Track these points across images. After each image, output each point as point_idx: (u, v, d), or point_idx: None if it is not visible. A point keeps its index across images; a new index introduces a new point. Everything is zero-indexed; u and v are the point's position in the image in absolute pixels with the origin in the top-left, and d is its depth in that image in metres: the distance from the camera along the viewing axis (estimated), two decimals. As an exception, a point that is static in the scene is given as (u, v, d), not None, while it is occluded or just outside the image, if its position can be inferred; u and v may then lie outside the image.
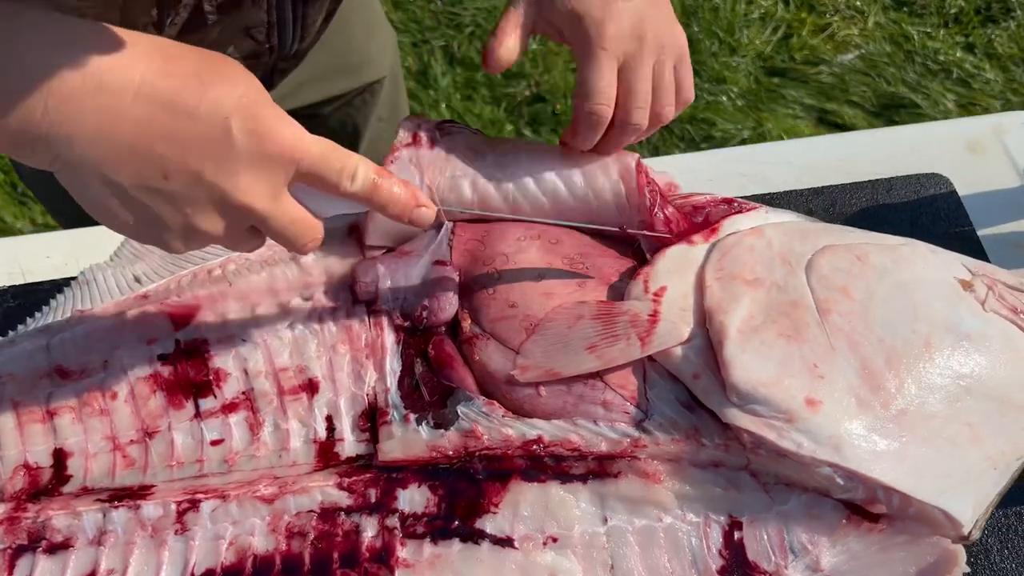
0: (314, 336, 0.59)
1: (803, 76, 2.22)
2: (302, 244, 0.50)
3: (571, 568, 0.53)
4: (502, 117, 2.14)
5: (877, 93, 2.19)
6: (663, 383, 0.55)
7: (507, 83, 2.18)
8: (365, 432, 0.57)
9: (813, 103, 2.18)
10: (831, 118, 2.13)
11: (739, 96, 2.17)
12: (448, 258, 0.61)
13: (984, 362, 0.55)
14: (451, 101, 2.15)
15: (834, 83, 2.21)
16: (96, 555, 0.53)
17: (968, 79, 2.22)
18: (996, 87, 2.23)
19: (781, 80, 2.22)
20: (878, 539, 0.53)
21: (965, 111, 2.16)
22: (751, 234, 0.60)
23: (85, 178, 0.44)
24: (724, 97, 2.16)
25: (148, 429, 0.57)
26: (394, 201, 0.51)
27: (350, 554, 0.53)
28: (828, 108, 2.15)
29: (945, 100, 2.18)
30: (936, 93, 2.19)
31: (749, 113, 2.11)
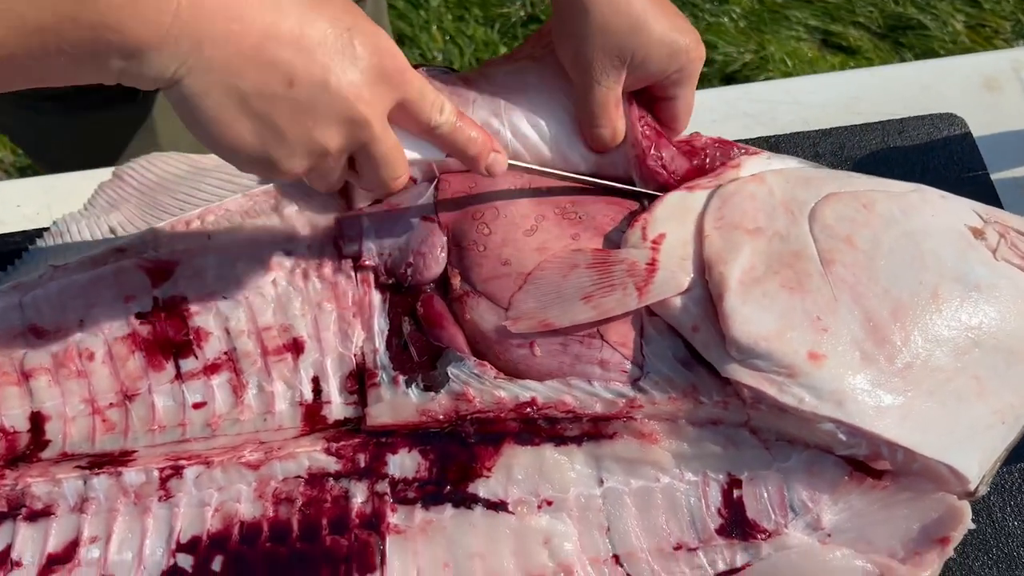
0: (298, 293, 0.57)
1: (808, -5, 2.15)
2: (395, 177, 0.50)
3: (566, 531, 0.52)
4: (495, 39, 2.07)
5: (884, 14, 2.12)
6: (660, 340, 0.53)
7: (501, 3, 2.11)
8: (353, 394, 0.55)
9: (817, 24, 2.11)
10: (835, 40, 2.07)
11: (741, 17, 2.10)
12: (435, 213, 0.58)
13: (993, 313, 0.53)
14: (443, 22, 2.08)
15: (840, 3, 2.14)
16: (79, 522, 0.52)
17: (979, -1, 2.15)
18: (1007, 7, 2.15)
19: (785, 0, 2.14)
20: (881, 496, 0.52)
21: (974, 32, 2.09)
22: (752, 181, 0.57)
23: (206, 86, 0.44)
24: (726, 18, 2.09)
25: (127, 391, 0.55)
26: (472, 143, 0.52)
27: (339, 520, 0.51)
28: (833, 30, 2.08)
29: (954, 21, 2.11)
30: (945, 13, 2.12)
31: (751, 35, 2.05)
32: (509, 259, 0.56)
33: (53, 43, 0.40)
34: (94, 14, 0.40)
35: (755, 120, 0.72)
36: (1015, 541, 0.56)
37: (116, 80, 0.43)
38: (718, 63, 1.99)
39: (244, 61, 0.43)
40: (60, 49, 0.41)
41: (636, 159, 0.59)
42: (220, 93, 0.44)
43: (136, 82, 0.43)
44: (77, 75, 0.43)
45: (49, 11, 0.40)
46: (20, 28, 0.39)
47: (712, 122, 0.73)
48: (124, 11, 0.40)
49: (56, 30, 0.40)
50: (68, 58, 0.41)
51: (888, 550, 0.51)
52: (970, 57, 0.77)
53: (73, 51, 0.41)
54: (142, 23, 0.41)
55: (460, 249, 0.57)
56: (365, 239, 0.57)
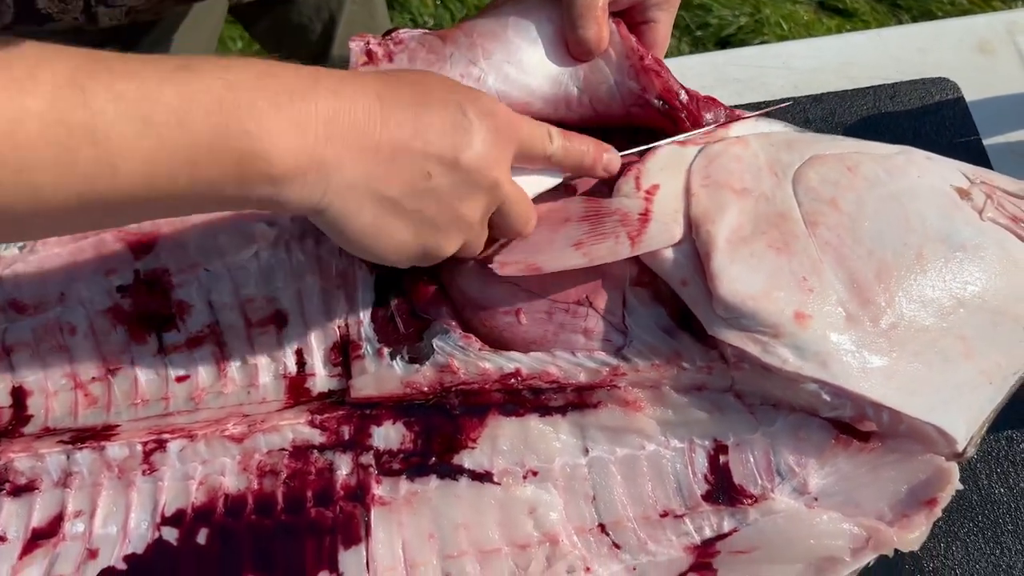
0: (281, 265, 0.56)
1: (805, -43, 2.12)
2: (528, 223, 0.52)
3: (552, 501, 0.52)
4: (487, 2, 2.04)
5: (883, -25, 2.10)
6: (642, 309, 0.53)
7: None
8: (337, 367, 0.55)
9: (814, -13, 2.08)
10: (832, 3, 2.04)
11: (737, -20, 2.07)
12: None
13: (979, 273, 0.53)
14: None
15: (837, -35, 2.11)
16: (63, 497, 0.52)
17: (979, -41, 2.12)
18: (1008, -32, 2.13)
19: (781, -37, 2.11)
20: (868, 459, 0.52)
21: (974, -7, 2.06)
22: (737, 143, 0.57)
23: (358, 204, 0.45)
24: (721, -19, 2.06)
25: (110, 365, 0.55)
26: (586, 155, 0.53)
27: (324, 492, 0.51)
28: (829, -8, 2.06)
29: (955, -18, 2.08)
30: (944, -26, 2.09)
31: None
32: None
33: (200, 175, 0.41)
34: (238, 142, 0.41)
35: (745, 86, 0.71)
36: (1001, 508, 0.56)
37: (255, 208, 0.44)
38: (713, 27, 1.97)
39: (386, 170, 0.45)
40: (203, 180, 0.41)
41: (631, 69, 0.57)
42: (373, 205, 0.45)
43: (278, 210, 0.44)
44: (216, 206, 0.44)
45: (188, 146, 0.40)
46: (168, 166, 0.40)
47: (702, 88, 0.71)
48: (270, 138, 0.41)
49: (197, 162, 0.40)
50: (209, 188, 0.41)
51: (876, 512, 0.51)
52: (964, 20, 0.75)
53: (215, 183, 0.41)
54: (286, 150, 0.42)
55: None
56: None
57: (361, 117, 0.44)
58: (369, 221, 0.46)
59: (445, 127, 0.46)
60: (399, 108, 0.45)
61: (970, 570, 0.54)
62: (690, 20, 2.00)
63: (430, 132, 0.46)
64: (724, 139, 0.57)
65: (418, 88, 0.47)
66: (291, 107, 0.42)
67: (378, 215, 0.46)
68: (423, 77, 0.49)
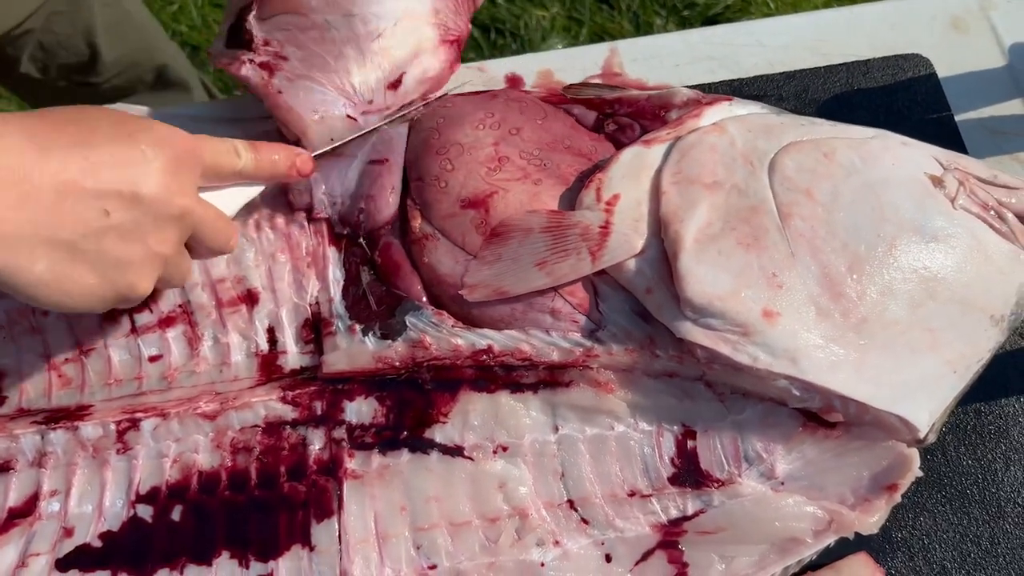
0: (251, 244, 0.57)
1: (793, -65, 2.10)
2: (228, 241, 0.51)
3: (521, 476, 0.52)
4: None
5: (870, -48, 2.09)
6: (615, 295, 0.53)
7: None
8: (309, 344, 0.55)
9: (802, -35, 2.07)
10: (820, -20, 2.03)
11: (724, -43, 2.05)
12: (386, 156, 0.57)
13: (950, 264, 0.53)
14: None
15: (825, -58, 2.10)
16: (38, 476, 0.52)
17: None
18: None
19: (769, -60, 2.10)
20: (833, 445, 0.53)
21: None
22: (713, 130, 0.57)
23: (29, 254, 0.42)
24: (709, -41, 2.04)
25: (83, 346, 0.55)
26: (276, 164, 0.53)
27: (297, 467, 0.52)
28: (817, -30, 2.05)
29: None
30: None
31: (734, -23, 2.01)
32: (468, 197, 0.56)
33: None
34: None
35: (719, 64, 0.71)
36: (968, 479, 0.57)
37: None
38: (699, 6, 1.96)
39: (54, 214, 0.42)
40: None
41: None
42: (47, 253, 0.43)
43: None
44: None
45: None
46: None
47: (675, 66, 0.71)
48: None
49: None
50: None
51: (839, 497, 0.52)
52: (939, -4, 0.75)
53: None
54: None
55: (422, 184, 0.57)
56: (315, 190, 0.57)
57: (14, 162, 0.41)
58: (45, 270, 0.43)
59: (117, 162, 0.44)
60: (59, 148, 0.43)
61: (938, 539, 0.55)
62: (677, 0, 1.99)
63: (101, 170, 0.43)
64: (699, 128, 0.57)
65: (82, 125, 0.45)
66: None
67: (55, 262, 0.43)
68: (84, 113, 0.46)
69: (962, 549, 0.55)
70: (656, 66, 0.72)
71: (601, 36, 1.96)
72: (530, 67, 0.72)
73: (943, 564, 0.55)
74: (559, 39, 1.93)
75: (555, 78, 0.72)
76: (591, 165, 0.58)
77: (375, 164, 0.57)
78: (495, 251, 0.54)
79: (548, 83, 0.72)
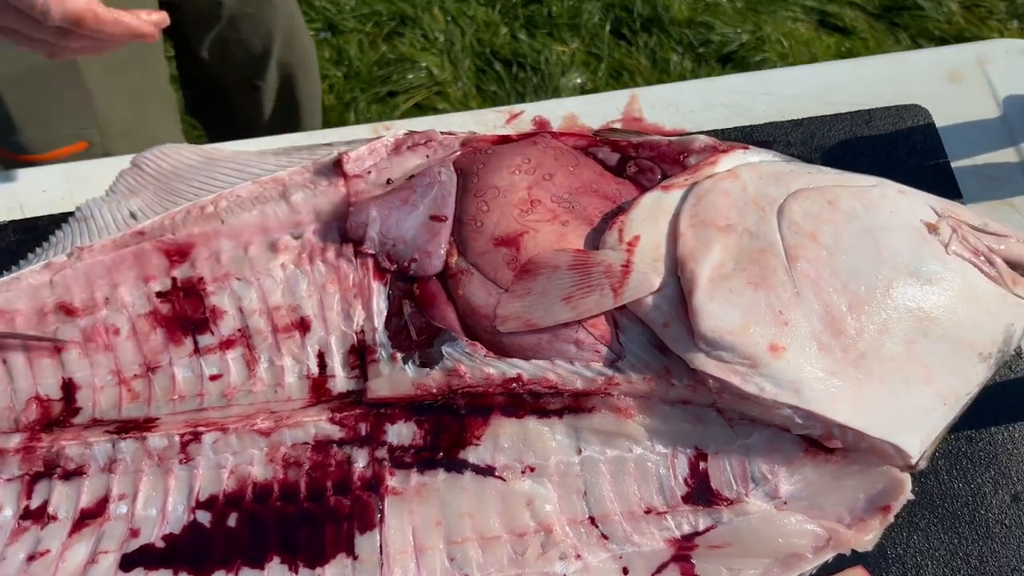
0: (304, 275, 0.62)
1: (806, -25, 2.16)
2: None
3: (547, 495, 0.57)
4: (496, 19, 2.10)
5: (881, -7, 2.14)
6: (635, 327, 0.58)
7: (502, -17, 2.13)
8: (355, 369, 0.60)
9: (814, 5, 2.13)
10: (832, 20, 2.09)
11: (739, -3, 2.12)
12: (446, 212, 0.62)
13: (942, 305, 0.58)
14: (444, 2, 2.11)
15: (837, -18, 2.16)
16: (108, 481, 0.57)
17: (974, -21, 2.16)
18: (1003, -12, 2.17)
19: (783, -21, 2.16)
20: (832, 469, 0.57)
21: (969, 12, 2.11)
22: (727, 177, 0.62)
23: None
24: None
25: (150, 364, 0.60)
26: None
27: (343, 483, 0.57)
28: (829, 10, 2.11)
29: (949, 1, 2.13)
30: (941, -6, 2.13)
31: (748, 16, 2.07)
32: (501, 236, 0.61)
33: None
34: None
35: (732, 111, 0.77)
36: (959, 501, 0.61)
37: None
38: (715, 44, 2.02)
39: None
40: None
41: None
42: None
43: None
44: None
45: None
46: None
47: (691, 112, 0.77)
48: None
49: None
50: None
51: (836, 516, 0.56)
52: (937, 50, 0.81)
53: None
54: None
55: (460, 223, 0.62)
56: (370, 229, 0.62)
57: None
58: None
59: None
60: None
61: (930, 557, 0.60)
62: (693, 37, 2.05)
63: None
64: (714, 174, 0.62)
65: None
66: None
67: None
68: None
69: (953, 566, 0.59)
70: (673, 112, 0.78)
71: (619, 72, 2.02)
72: (556, 111, 0.78)
73: (935, 581, 0.59)
74: (578, 74, 1.99)
75: (579, 122, 0.78)
76: (615, 207, 0.63)
77: (435, 220, 0.62)
78: (525, 286, 0.59)
79: (572, 126, 0.77)
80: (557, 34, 2.12)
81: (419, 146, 0.67)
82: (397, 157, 0.66)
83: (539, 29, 2.11)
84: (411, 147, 0.67)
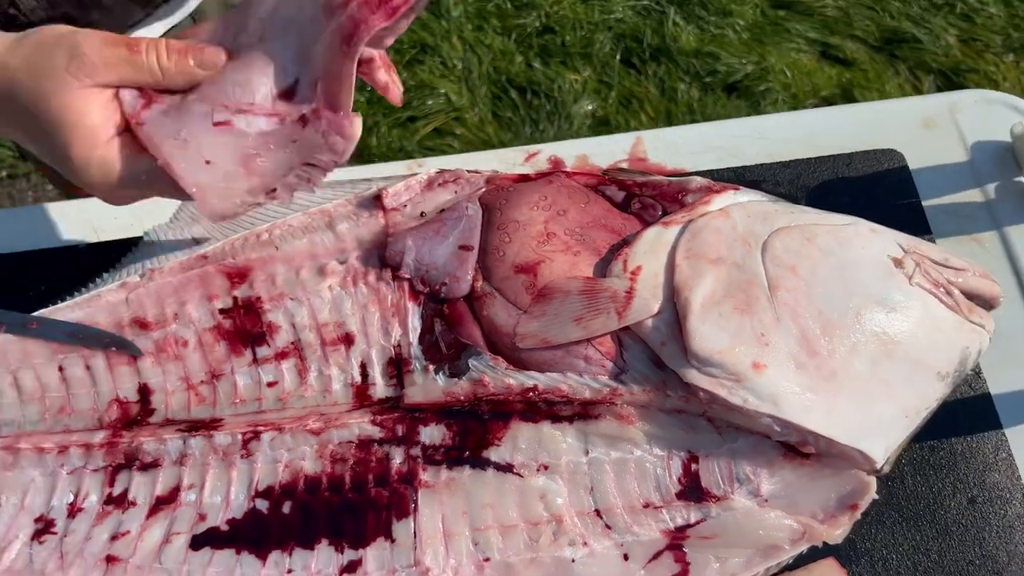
0: (349, 296, 0.71)
1: (808, 9, 2.25)
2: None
3: (558, 490, 0.66)
4: (512, 48, 2.19)
5: (880, 27, 2.22)
6: (636, 346, 0.67)
7: (518, 15, 2.23)
8: (393, 379, 0.69)
9: (817, 37, 2.21)
10: (833, 52, 2.18)
11: (744, 29, 2.21)
12: (472, 242, 0.71)
13: (904, 330, 0.66)
14: (463, 32, 2.20)
15: (838, 16, 2.24)
16: (180, 473, 0.66)
17: (971, 13, 2.25)
18: (998, 22, 2.25)
19: (787, 13, 2.25)
20: (808, 471, 0.65)
21: (966, 46, 2.19)
22: (719, 215, 0.71)
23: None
24: (730, 30, 2.20)
25: (215, 372, 0.69)
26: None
27: (382, 476, 0.66)
28: (831, 42, 2.19)
29: (947, 35, 2.21)
30: (939, 28, 2.22)
31: (753, 47, 2.16)
32: (521, 264, 0.70)
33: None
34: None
35: (728, 152, 0.86)
36: (921, 502, 0.69)
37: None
38: (721, 73, 2.10)
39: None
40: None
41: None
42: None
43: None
44: None
45: None
46: None
47: (691, 154, 0.86)
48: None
49: None
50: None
51: (811, 512, 0.64)
52: (913, 100, 0.89)
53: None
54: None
55: (484, 253, 0.71)
56: (406, 256, 0.71)
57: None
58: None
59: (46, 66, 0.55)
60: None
61: (895, 551, 0.68)
62: (700, 67, 2.14)
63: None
64: (708, 212, 0.71)
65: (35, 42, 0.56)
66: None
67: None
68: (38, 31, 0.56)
69: (915, 560, 0.68)
70: (674, 153, 0.86)
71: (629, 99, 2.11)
72: (569, 151, 0.87)
73: (898, 571, 0.67)
74: (589, 101, 2.08)
75: (589, 161, 0.87)
76: (620, 240, 0.72)
77: (463, 250, 0.71)
78: (541, 308, 0.68)
79: (584, 165, 0.86)
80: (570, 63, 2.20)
81: (449, 183, 0.76)
82: (429, 192, 0.75)
83: (553, 58, 2.20)
84: (442, 184, 0.76)
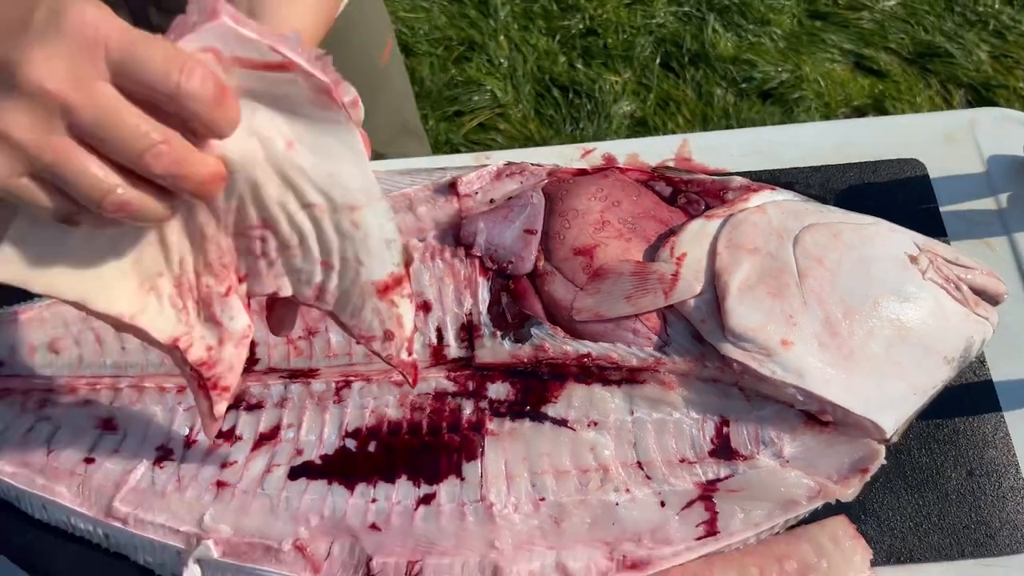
0: (427, 270, 0.81)
1: (844, 20, 2.32)
2: (136, 150, 0.42)
3: (606, 443, 0.75)
4: (556, 48, 2.28)
5: (914, 41, 2.29)
6: (679, 322, 0.76)
7: (563, 16, 2.32)
8: (464, 342, 0.79)
9: (852, 48, 2.28)
10: (867, 63, 2.25)
11: (781, 38, 2.28)
12: (536, 227, 0.81)
13: (916, 318, 0.75)
14: (509, 31, 2.29)
15: (874, 29, 2.31)
16: (280, 414, 0.77)
17: (1004, 31, 2.31)
18: (1029, 40, 2.31)
19: (823, 24, 2.32)
20: (825, 438, 0.74)
21: (997, 62, 2.26)
22: (756, 211, 0.80)
23: None
24: (767, 39, 2.28)
25: (311, 329, 0.80)
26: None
27: (454, 424, 0.76)
28: (865, 54, 2.26)
29: (979, 51, 2.27)
30: (971, 43, 2.28)
31: (789, 55, 2.24)
32: (579, 247, 0.79)
33: None
34: None
35: (765, 157, 0.94)
36: (925, 472, 0.77)
37: None
38: (757, 80, 2.18)
39: None
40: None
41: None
42: None
43: None
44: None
45: None
46: None
47: (731, 156, 0.95)
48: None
49: None
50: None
51: (827, 474, 0.73)
52: (936, 115, 0.98)
53: None
54: None
55: (547, 236, 0.80)
56: (478, 237, 0.81)
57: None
58: None
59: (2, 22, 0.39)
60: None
61: (899, 512, 0.76)
62: (736, 73, 2.22)
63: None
64: (747, 208, 0.80)
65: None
66: None
67: None
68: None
69: (916, 521, 0.77)
70: (716, 155, 0.96)
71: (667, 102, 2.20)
72: (621, 150, 0.96)
73: (902, 529, 0.76)
74: (628, 102, 2.18)
75: (639, 159, 0.96)
76: (667, 230, 0.82)
77: (528, 233, 0.80)
78: (596, 287, 0.78)
79: (634, 162, 0.96)
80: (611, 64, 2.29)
81: (515, 174, 0.86)
82: (498, 182, 0.85)
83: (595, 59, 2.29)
84: (509, 175, 0.86)
